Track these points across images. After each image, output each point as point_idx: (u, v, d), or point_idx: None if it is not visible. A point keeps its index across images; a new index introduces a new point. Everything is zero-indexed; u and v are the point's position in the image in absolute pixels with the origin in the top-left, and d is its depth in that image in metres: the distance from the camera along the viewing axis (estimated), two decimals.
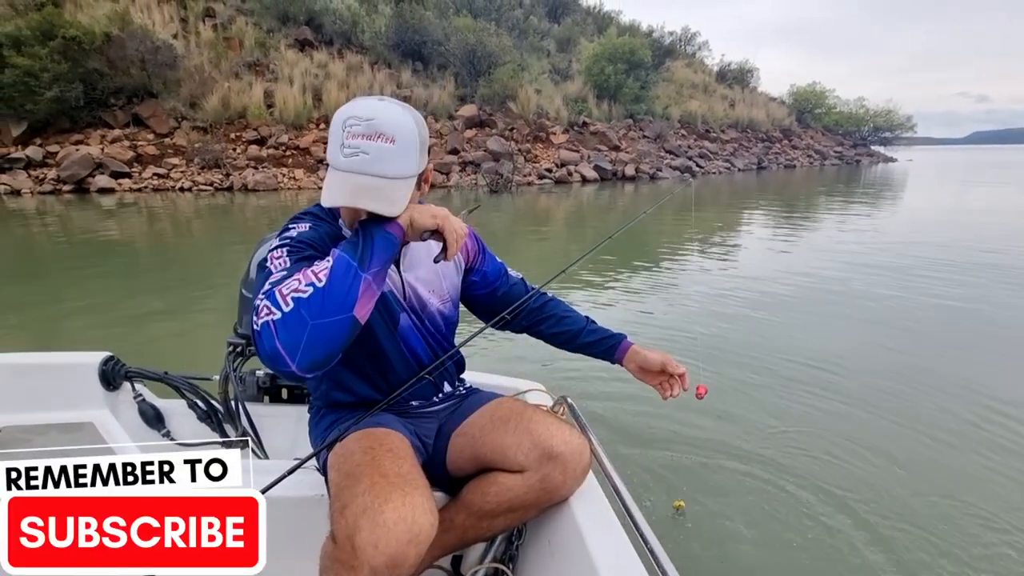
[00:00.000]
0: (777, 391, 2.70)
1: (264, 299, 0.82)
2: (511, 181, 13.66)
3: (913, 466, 2.09)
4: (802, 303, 4.25)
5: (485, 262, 1.32)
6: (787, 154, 26.19)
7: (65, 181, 11.78)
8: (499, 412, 1.12)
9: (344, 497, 0.85)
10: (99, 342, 3.32)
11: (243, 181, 12.65)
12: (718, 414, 2.46)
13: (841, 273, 5.12)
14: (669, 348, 1.30)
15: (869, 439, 2.26)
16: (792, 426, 2.37)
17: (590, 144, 17.29)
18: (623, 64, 18.80)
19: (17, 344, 3.43)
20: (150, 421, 1.58)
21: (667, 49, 25.12)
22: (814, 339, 3.43)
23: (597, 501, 1.06)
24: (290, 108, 14.28)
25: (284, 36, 16.47)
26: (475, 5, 21.02)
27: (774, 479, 2.00)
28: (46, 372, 1.47)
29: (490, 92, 16.30)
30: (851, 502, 1.87)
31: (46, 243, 6.91)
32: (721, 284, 4.75)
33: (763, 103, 28.56)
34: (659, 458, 2.12)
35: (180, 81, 13.84)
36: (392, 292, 1.10)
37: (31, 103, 12.02)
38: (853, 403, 2.57)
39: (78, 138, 12.84)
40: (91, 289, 4.80)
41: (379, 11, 18.24)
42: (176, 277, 5.36)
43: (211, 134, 13.56)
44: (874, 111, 36.52)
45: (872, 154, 34.73)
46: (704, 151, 21.01)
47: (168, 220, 8.98)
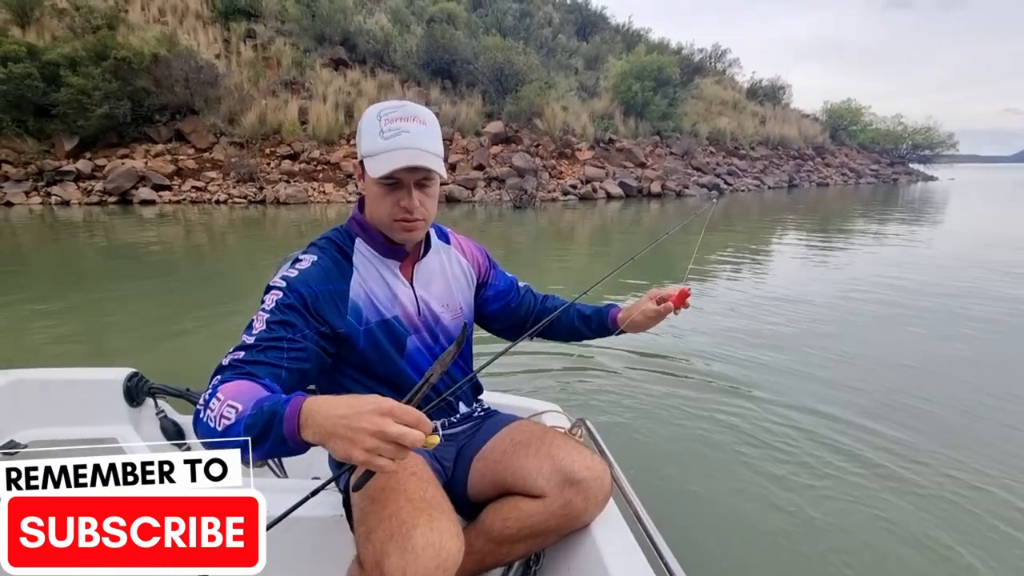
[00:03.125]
0: (811, 414, 2.60)
1: (210, 387, 0.85)
2: (535, 197, 13.72)
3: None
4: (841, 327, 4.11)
5: (496, 276, 1.34)
6: (820, 172, 25.57)
7: (110, 193, 12.38)
8: (519, 436, 1.11)
9: (370, 522, 0.85)
10: (126, 354, 3.44)
11: (275, 194, 13.05)
12: (746, 440, 2.38)
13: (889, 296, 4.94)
14: (686, 370, 1.25)
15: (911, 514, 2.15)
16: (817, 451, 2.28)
17: (616, 161, 17.26)
18: (651, 81, 18.78)
19: (51, 351, 3.58)
20: (171, 437, 1.60)
21: (696, 66, 24.99)
22: (846, 368, 3.31)
23: (618, 527, 1.04)
24: (322, 124, 14.73)
25: (320, 56, 17.07)
26: (504, 25, 21.41)
27: (800, 509, 1.91)
28: (72, 388, 1.50)
29: (517, 109, 16.48)
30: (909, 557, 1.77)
31: (88, 252, 7.25)
32: (745, 308, 4.63)
33: (795, 120, 28.05)
34: (680, 482, 2.06)
35: (220, 98, 14.45)
36: (397, 318, 1.10)
37: (83, 119, 12.73)
38: (894, 449, 2.45)
39: (124, 152, 13.50)
40: (124, 299, 4.99)
41: (411, 31, 18.75)
42: (207, 290, 5.54)
43: (247, 149, 14.07)
44: (913, 128, 35.46)
45: (911, 172, 33.63)
46: (733, 168, 20.71)
47: (203, 232, 9.32)
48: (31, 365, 1.58)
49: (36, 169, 12.67)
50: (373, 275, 1.09)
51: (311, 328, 0.96)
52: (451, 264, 1.23)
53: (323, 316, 0.99)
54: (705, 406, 2.66)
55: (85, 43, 13.48)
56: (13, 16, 15.15)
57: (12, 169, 12.63)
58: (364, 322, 1.06)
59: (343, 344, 1.04)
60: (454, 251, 1.26)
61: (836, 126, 30.78)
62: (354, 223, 1.13)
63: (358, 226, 1.11)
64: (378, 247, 1.10)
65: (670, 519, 1.83)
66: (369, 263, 1.09)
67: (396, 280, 1.11)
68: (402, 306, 1.10)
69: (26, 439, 1.41)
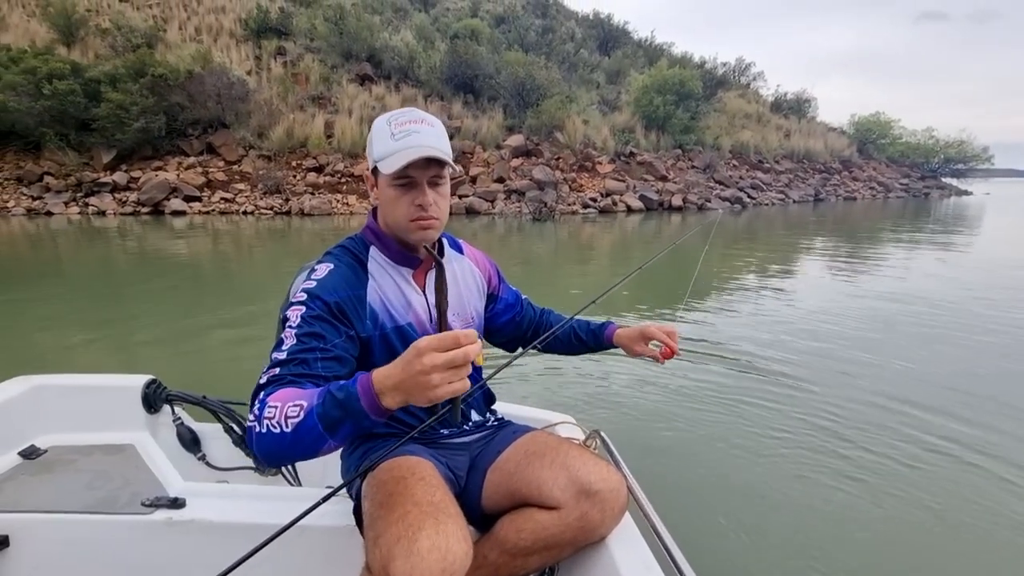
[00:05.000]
0: (824, 431, 2.52)
1: (256, 402, 0.85)
2: (554, 210, 13.74)
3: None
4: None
5: (504, 289, 1.35)
6: (847, 186, 25.03)
7: (144, 204, 12.84)
8: (533, 447, 1.10)
9: (378, 527, 0.86)
10: (147, 361, 3.54)
11: (300, 206, 13.36)
12: (759, 453, 2.31)
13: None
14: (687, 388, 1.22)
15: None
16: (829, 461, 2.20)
17: (636, 174, 17.20)
18: (672, 95, 18.73)
19: (76, 356, 3.70)
20: (187, 444, 1.61)
21: (719, 80, 24.85)
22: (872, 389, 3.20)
23: (635, 541, 1.02)
24: (347, 138, 15.06)
25: (346, 71, 17.52)
26: (527, 40, 21.68)
27: (830, 525, 1.84)
28: (92, 394, 1.53)
29: (538, 123, 16.60)
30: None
31: (119, 260, 7.51)
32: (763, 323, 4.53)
33: (821, 133, 27.59)
34: (697, 497, 2.00)
35: (250, 113, 14.92)
36: (411, 324, 1.12)
37: (121, 133, 13.27)
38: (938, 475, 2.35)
39: (158, 165, 14.01)
40: (147, 306, 5.15)
41: (435, 47, 19.13)
42: (231, 298, 5.68)
43: (274, 162, 14.46)
44: (945, 142, 34.49)
45: (943, 186, 32.63)
46: (756, 182, 20.42)
47: (230, 241, 9.57)
48: (56, 368, 1.63)
49: (76, 181, 13.23)
50: (387, 282, 1.11)
51: (341, 335, 0.99)
52: (464, 274, 1.25)
53: (349, 319, 1.02)
54: (721, 419, 2.60)
55: (125, 60, 14.12)
56: (60, 36, 16.00)
57: (54, 181, 13.22)
58: (380, 327, 1.08)
59: (360, 349, 1.06)
60: (467, 261, 1.28)
61: (864, 139, 30.14)
62: (368, 232, 1.15)
63: (372, 234, 1.14)
64: (392, 254, 1.12)
65: (689, 534, 1.78)
66: (383, 270, 1.11)
67: (410, 287, 1.13)
68: (415, 313, 1.12)
69: (46, 444, 1.43)
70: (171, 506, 1.14)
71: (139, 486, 1.25)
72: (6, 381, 1.50)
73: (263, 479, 1.53)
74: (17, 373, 1.53)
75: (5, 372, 1.57)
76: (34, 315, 4.68)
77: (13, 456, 1.37)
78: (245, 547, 0.74)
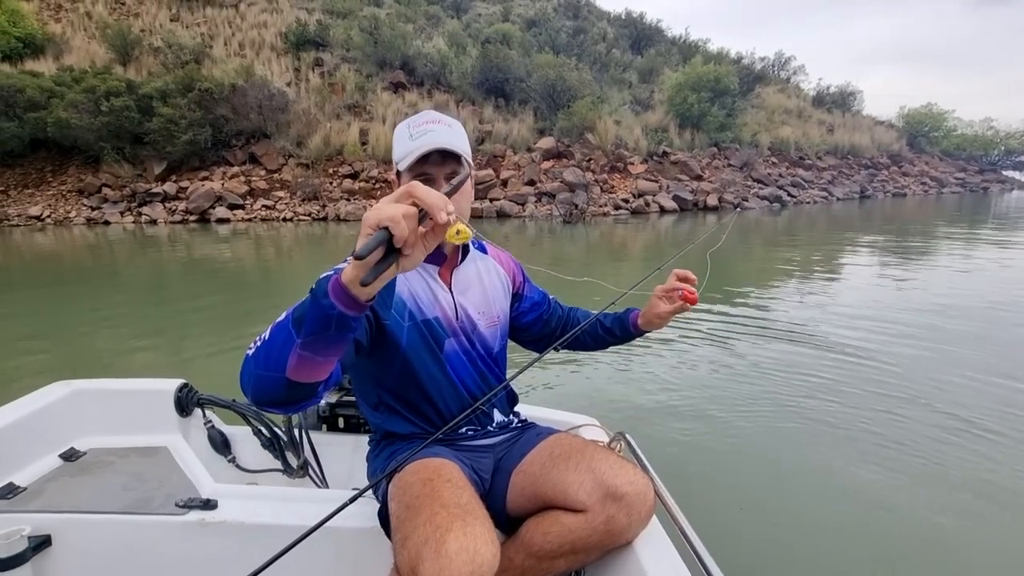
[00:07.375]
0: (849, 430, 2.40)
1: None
2: (585, 212, 13.63)
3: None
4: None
5: (530, 288, 1.37)
6: (896, 181, 23.81)
7: (191, 212, 13.49)
8: (558, 449, 1.10)
9: (405, 529, 0.86)
10: (177, 367, 3.69)
11: (336, 212, 13.73)
12: (788, 456, 2.23)
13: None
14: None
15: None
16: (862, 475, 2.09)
17: (670, 174, 16.88)
18: (707, 92, 18.29)
19: (120, 359, 3.91)
20: (218, 447, 1.65)
21: (757, 75, 24.09)
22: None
23: (662, 545, 1.00)
24: (381, 144, 15.39)
25: (381, 80, 17.92)
26: (558, 42, 21.63)
27: (866, 528, 1.76)
28: (127, 398, 1.58)
29: (568, 124, 16.53)
30: None
31: (171, 266, 7.91)
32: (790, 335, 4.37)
33: (867, 127, 26.38)
34: (724, 497, 1.95)
35: (290, 123, 15.46)
36: (438, 319, 1.14)
37: (170, 145, 13.99)
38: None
39: (204, 175, 14.69)
40: (194, 313, 5.39)
41: (467, 52, 19.34)
42: (270, 303, 5.88)
43: (312, 169, 14.92)
44: (1006, 133, 32.38)
45: (1004, 180, 30.61)
46: (797, 179, 19.70)
47: (271, 247, 9.93)
48: (102, 370, 1.71)
49: (130, 192, 14.04)
50: (415, 277, 1.14)
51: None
52: (488, 273, 1.26)
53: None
54: (749, 421, 2.52)
55: (175, 76, 14.89)
56: (117, 56, 17.02)
57: (111, 192, 14.07)
58: (409, 318, 1.10)
59: (385, 339, 1.07)
60: (491, 260, 1.29)
61: (915, 132, 28.64)
62: None
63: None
64: None
65: (719, 538, 1.73)
66: None
67: (436, 284, 1.16)
68: (442, 309, 1.14)
69: (85, 446, 1.49)
70: (203, 507, 1.17)
71: (172, 487, 1.29)
72: (47, 386, 1.55)
73: (291, 481, 1.56)
74: (71, 372, 1.62)
75: (66, 368, 1.65)
76: (92, 318, 4.98)
77: (54, 458, 1.42)
78: (274, 547, 0.76)
